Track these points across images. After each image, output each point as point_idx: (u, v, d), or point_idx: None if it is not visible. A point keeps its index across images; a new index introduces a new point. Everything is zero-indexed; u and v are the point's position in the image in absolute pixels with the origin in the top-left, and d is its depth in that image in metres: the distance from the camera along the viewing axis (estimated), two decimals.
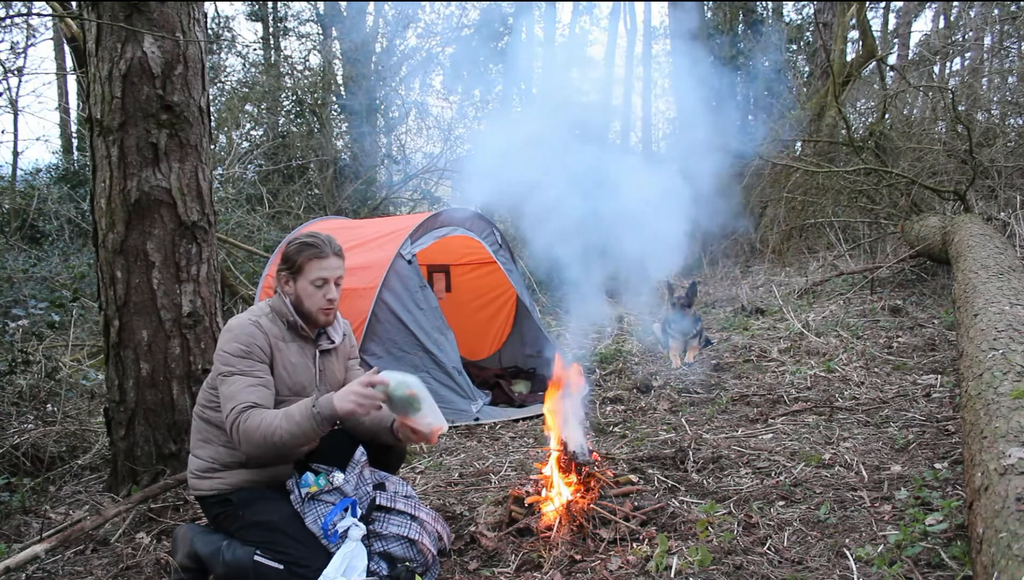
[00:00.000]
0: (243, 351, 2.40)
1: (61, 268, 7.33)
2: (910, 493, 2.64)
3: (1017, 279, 3.97)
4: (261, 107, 12.54)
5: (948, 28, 12.92)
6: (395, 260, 4.60)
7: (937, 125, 9.24)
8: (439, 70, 12.71)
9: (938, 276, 6.89)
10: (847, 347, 5.13)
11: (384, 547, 2.44)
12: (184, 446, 3.38)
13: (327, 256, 2.52)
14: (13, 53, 9.67)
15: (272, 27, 15.11)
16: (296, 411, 2.30)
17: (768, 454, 3.29)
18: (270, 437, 2.27)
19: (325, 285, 2.51)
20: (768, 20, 17.30)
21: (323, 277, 2.50)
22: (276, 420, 2.29)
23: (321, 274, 2.50)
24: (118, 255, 3.36)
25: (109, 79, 3.30)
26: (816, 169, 8.63)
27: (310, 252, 2.51)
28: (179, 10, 3.38)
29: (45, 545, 2.81)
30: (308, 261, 2.51)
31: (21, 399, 4.30)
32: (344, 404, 2.28)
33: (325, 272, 2.50)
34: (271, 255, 5.52)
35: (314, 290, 2.50)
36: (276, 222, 9.93)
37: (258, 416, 2.30)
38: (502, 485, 3.28)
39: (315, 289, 2.50)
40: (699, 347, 5.77)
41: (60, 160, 12.11)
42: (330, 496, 2.47)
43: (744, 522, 2.57)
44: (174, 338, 3.41)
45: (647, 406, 4.48)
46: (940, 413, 3.56)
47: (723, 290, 8.84)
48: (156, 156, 3.33)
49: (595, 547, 2.51)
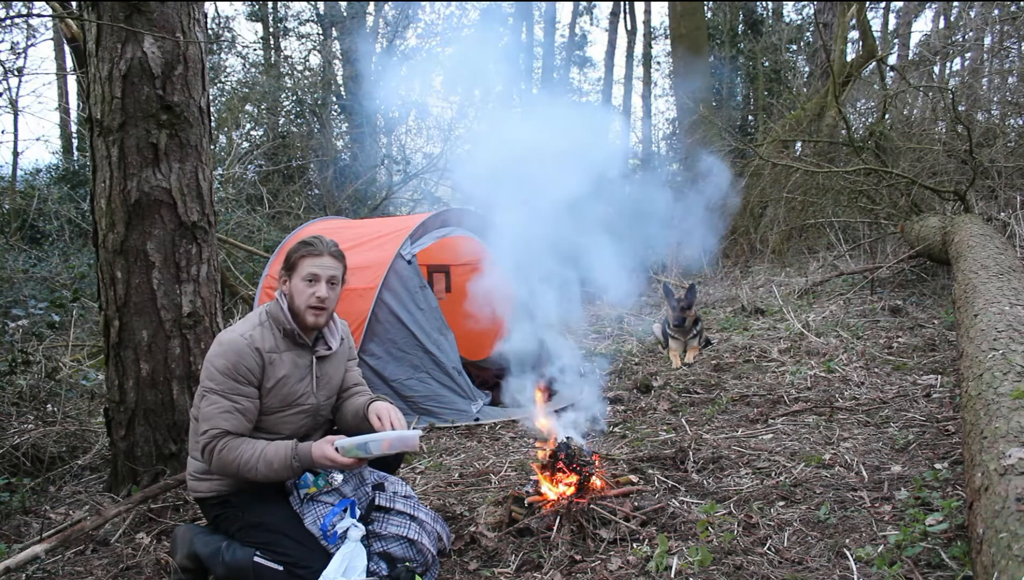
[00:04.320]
0: (228, 370, 2.40)
1: (61, 268, 7.32)
2: (910, 493, 2.64)
3: (1017, 279, 3.97)
4: (261, 107, 12.54)
5: (948, 28, 12.93)
6: (395, 260, 4.60)
7: (937, 125, 9.24)
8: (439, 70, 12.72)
9: (938, 276, 6.89)
10: (847, 347, 5.13)
11: (384, 547, 2.44)
12: (184, 446, 3.38)
13: (320, 254, 2.52)
14: (13, 53, 9.68)
15: (272, 27, 15.13)
16: (275, 458, 2.35)
17: (768, 454, 3.29)
18: (246, 472, 2.35)
19: (315, 282, 2.50)
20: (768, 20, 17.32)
21: (314, 273, 2.49)
22: (253, 459, 2.34)
23: (312, 270, 2.49)
24: (118, 255, 3.36)
25: (109, 79, 3.30)
26: (816, 169, 8.62)
27: (304, 250, 2.52)
28: (179, 10, 3.38)
29: (45, 545, 2.81)
30: (302, 258, 2.52)
31: (21, 399, 4.30)
32: (321, 460, 2.37)
33: (316, 269, 2.50)
34: (271, 255, 5.52)
35: (304, 287, 2.49)
36: (276, 222, 9.93)
37: (236, 450, 2.35)
38: (502, 485, 3.28)
39: (305, 285, 2.49)
40: (699, 347, 5.77)
41: (60, 160, 12.12)
42: (329, 497, 2.47)
43: (744, 522, 2.57)
44: (174, 338, 3.41)
45: (647, 406, 4.48)
46: (940, 413, 3.56)
47: (723, 290, 8.84)
48: (156, 156, 3.33)
49: (595, 547, 2.51)
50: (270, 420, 2.51)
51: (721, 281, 9.52)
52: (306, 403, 2.56)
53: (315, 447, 2.37)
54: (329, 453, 2.35)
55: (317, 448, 2.36)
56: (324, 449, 2.35)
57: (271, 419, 2.51)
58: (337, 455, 2.34)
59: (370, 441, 2.35)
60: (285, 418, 2.53)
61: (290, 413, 2.54)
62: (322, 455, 2.35)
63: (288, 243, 5.35)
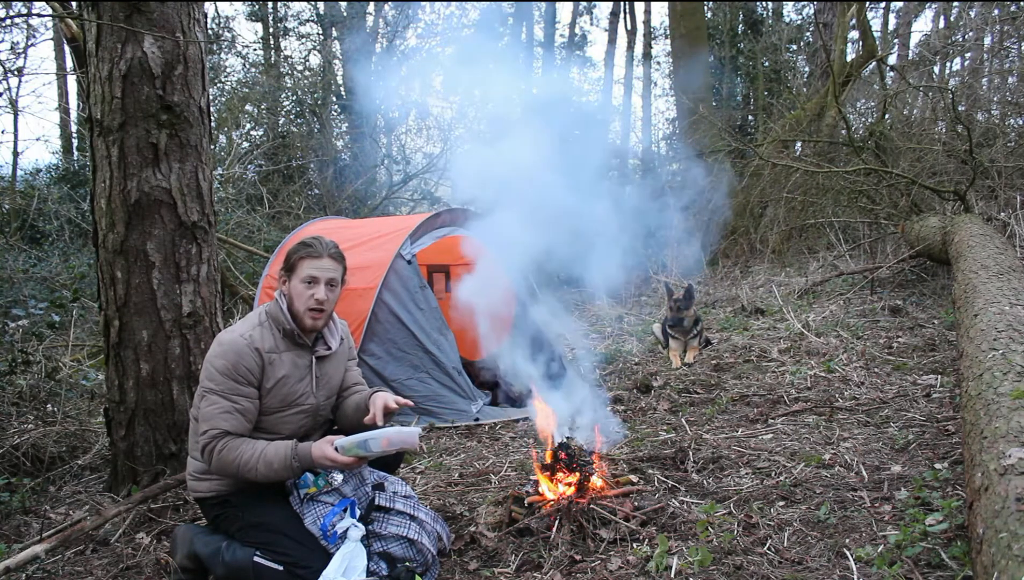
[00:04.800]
0: (228, 370, 2.40)
1: (61, 268, 7.32)
2: (910, 493, 2.64)
3: (1017, 279, 3.97)
4: (261, 107, 12.54)
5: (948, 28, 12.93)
6: (395, 260, 4.60)
7: (937, 125, 9.23)
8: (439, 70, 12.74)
9: (938, 276, 6.89)
10: (847, 347, 5.13)
11: (383, 547, 2.44)
12: (184, 446, 3.38)
13: (320, 256, 2.52)
14: (13, 53, 9.68)
15: (272, 27, 15.13)
16: (275, 458, 2.35)
17: (768, 454, 3.29)
18: (245, 472, 2.35)
19: (314, 284, 2.50)
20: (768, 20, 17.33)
21: (313, 275, 2.50)
22: (253, 459, 2.34)
23: (311, 272, 2.50)
24: (118, 255, 3.36)
25: (109, 79, 3.30)
26: (816, 169, 8.62)
27: (304, 251, 2.52)
28: (179, 10, 3.38)
29: (45, 545, 2.81)
30: (301, 260, 2.52)
31: (21, 399, 4.30)
32: (321, 460, 2.37)
33: (315, 271, 2.50)
34: (271, 255, 5.52)
35: (303, 289, 2.50)
36: (276, 222, 9.93)
37: (235, 450, 2.35)
38: (502, 485, 3.28)
39: (304, 287, 2.50)
40: (699, 347, 5.77)
41: (60, 160, 12.12)
42: (329, 497, 2.47)
43: (744, 522, 2.57)
44: (174, 338, 3.41)
45: (647, 406, 4.48)
46: (940, 413, 3.56)
47: (723, 290, 8.84)
48: (156, 156, 3.33)
49: (595, 547, 2.51)
50: (270, 420, 2.51)
51: (721, 281, 9.51)
52: (306, 403, 2.57)
53: (315, 447, 2.37)
54: (329, 453, 2.35)
55: (317, 448, 2.37)
56: (324, 449, 2.36)
57: (271, 419, 2.51)
58: (337, 455, 2.35)
59: (370, 439, 2.35)
60: (285, 418, 2.53)
61: (290, 413, 2.54)
62: (322, 455, 2.36)
63: (288, 243, 5.35)
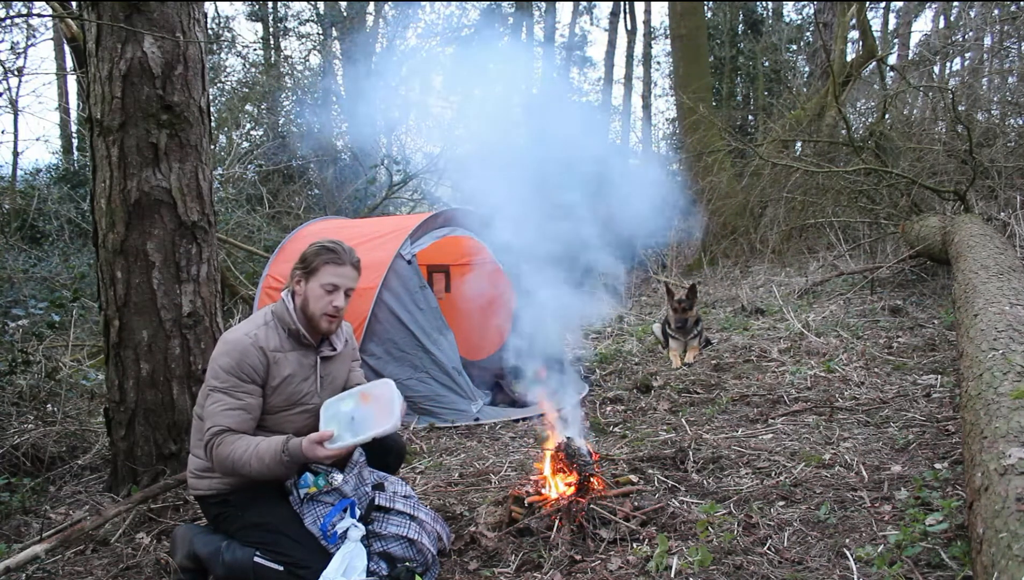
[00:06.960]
0: (232, 368, 2.41)
1: (61, 268, 7.33)
2: (910, 493, 2.64)
3: (1017, 279, 3.97)
4: (261, 107, 12.54)
5: (948, 28, 12.94)
6: (395, 260, 4.60)
7: (937, 125, 9.23)
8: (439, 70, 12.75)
9: (938, 276, 6.89)
10: (847, 347, 5.12)
11: (384, 547, 2.44)
12: (184, 446, 3.39)
13: (344, 264, 2.55)
14: (13, 53, 9.69)
15: (272, 27, 15.13)
16: (267, 454, 2.34)
17: (768, 454, 3.29)
18: (240, 468, 2.35)
19: (334, 291, 2.53)
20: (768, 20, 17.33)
21: (334, 283, 2.52)
22: (247, 455, 2.33)
23: (333, 280, 2.52)
24: (118, 255, 3.36)
25: (109, 79, 3.30)
26: (816, 169, 8.62)
27: (328, 256, 2.53)
28: (179, 10, 3.38)
29: (45, 545, 2.81)
30: (324, 265, 2.53)
31: (21, 399, 4.30)
32: (309, 452, 2.33)
33: (337, 279, 2.53)
34: (271, 255, 5.52)
35: (322, 294, 2.52)
36: (276, 222, 9.93)
37: (230, 445, 2.34)
38: (502, 485, 3.27)
39: (324, 293, 2.52)
40: (699, 347, 5.77)
41: (60, 160, 12.12)
42: (329, 497, 2.47)
43: (744, 522, 2.57)
44: (174, 338, 3.42)
45: (647, 406, 4.48)
46: (940, 413, 3.56)
47: (723, 290, 8.84)
48: (156, 156, 3.34)
49: (595, 547, 2.51)
50: (274, 419, 2.52)
51: (721, 281, 9.51)
52: (310, 403, 2.57)
53: (305, 440, 2.36)
54: (317, 445, 2.33)
55: (307, 441, 2.35)
56: (312, 441, 2.34)
57: (275, 418, 2.52)
58: (323, 449, 2.32)
59: (347, 395, 2.44)
60: (289, 417, 2.54)
61: (294, 412, 2.55)
62: (310, 445, 2.33)
63: (288, 243, 5.35)
